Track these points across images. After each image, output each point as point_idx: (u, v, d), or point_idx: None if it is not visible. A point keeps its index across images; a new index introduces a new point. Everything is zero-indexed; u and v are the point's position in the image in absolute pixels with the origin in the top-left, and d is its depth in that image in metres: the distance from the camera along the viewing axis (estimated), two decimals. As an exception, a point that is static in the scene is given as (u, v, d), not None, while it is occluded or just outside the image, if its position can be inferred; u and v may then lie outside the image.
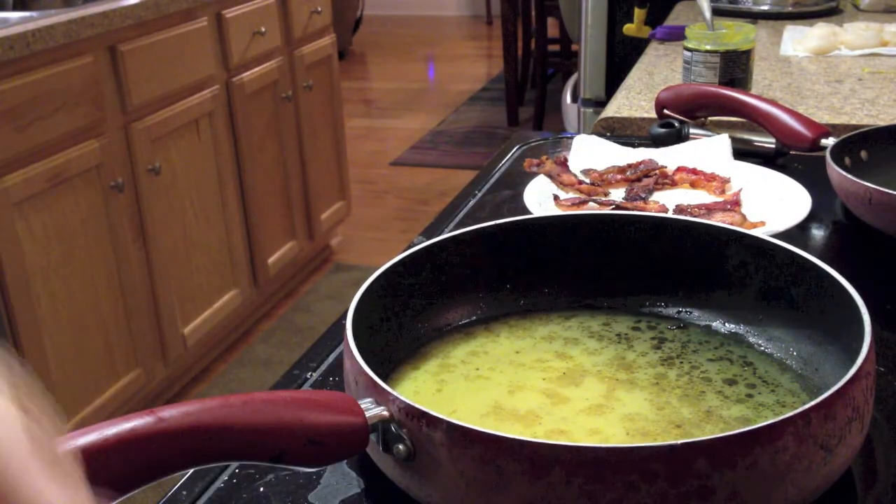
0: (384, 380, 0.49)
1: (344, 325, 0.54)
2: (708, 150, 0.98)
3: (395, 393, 0.47)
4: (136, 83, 2.03)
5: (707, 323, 0.65)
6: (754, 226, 0.81)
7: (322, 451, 0.45)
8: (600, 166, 0.98)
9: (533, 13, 4.30)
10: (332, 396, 0.47)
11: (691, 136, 1.06)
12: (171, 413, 0.42)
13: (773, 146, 1.02)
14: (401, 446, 0.47)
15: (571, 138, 1.08)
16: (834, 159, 0.88)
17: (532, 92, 4.53)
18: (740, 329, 0.64)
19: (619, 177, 0.95)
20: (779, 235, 0.71)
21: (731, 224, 0.76)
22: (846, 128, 1.15)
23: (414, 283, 0.63)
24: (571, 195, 0.91)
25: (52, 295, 1.85)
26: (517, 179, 0.98)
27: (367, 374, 0.49)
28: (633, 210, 0.84)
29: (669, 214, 0.83)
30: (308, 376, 0.67)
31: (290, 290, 2.89)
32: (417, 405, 0.46)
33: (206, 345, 2.45)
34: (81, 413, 1.96)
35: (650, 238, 0.67)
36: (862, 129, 0.96)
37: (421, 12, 7.21)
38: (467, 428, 0.44)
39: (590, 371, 0.60)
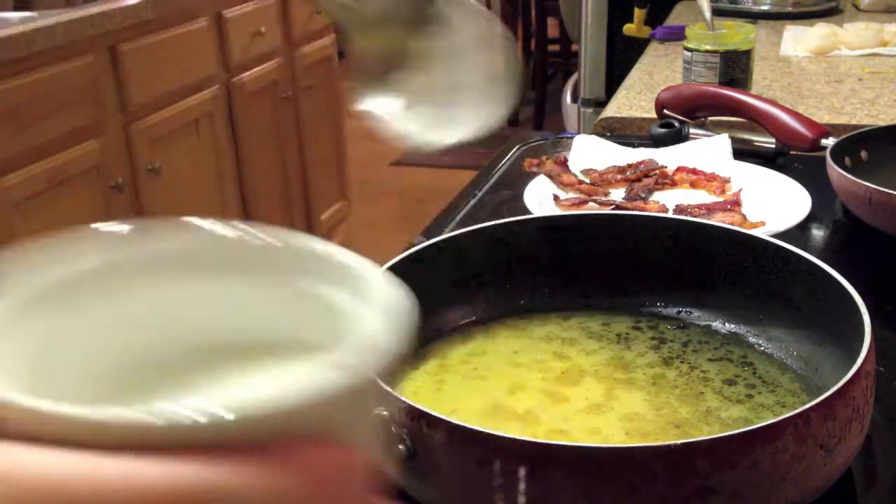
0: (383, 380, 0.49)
1: (343, 325, 0.54)
2: (708, 150, 0.98)
3: (394, 393, 0.47)
4: (136, 83, 2.02)
5: (707, 323, 0.65)
6: (754, 226, 0.81)
7: (322, 451, 0.45)
8: (600, 166, 0.98)
9: (533, 13, 4.30)
10: (331, 396, 0.47)
11: (691, 136, 1.06)
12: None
13: (773, 146, 1.01)
14: (401, 446, 0.47)
15: (571, 138, 1.08)
16: (834, 159, 0.88)
17: (532, 92, 4.53)
18: (740, 329, 0.64)
19: (619, 177, 0.95)
20: (779, 235, 0.71)
21: (731, 224, 0.76)
22: (846, 128, 1.15)
23: (413, 284, 0.63)
24: (571, 195, 0.91)
25: (51, 295, 1.85)
26: (517, 179, 0.98)
27: (366, 374, 0.49)
28: (633, 210, 0.84)
29: (669, 214, 0.83)
30: (308, 376, 0.66)
31: (290, 290, 2.89)
32: (417, 405, 0.46)
33: (206, 345, 2.45)
34: (81, 413, 1.96)
35: (650, 238, 0.67)
36: (862, 129, 0.96)
37: (421, 12, 7.21)
38: (467, 428, 0.44)
39: (588, 371, 0.59)
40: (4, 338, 0.25)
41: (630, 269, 0.67)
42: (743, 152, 1.00)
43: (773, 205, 0.87)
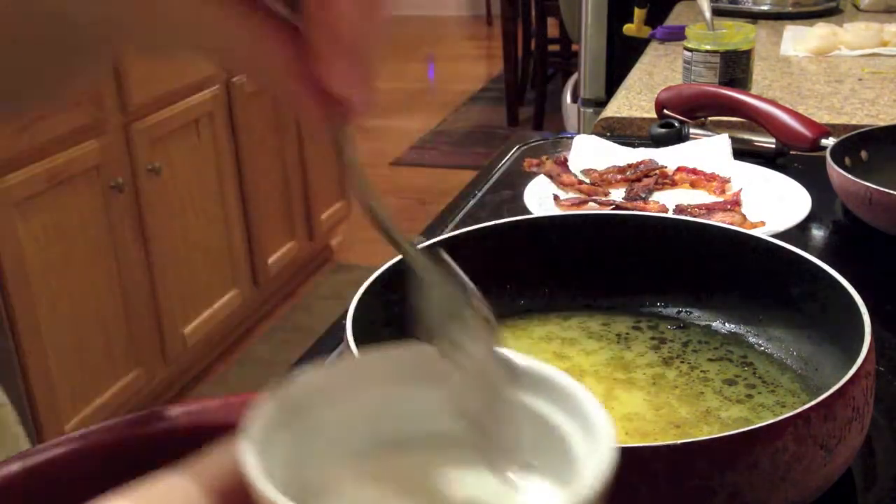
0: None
1: (344, 325, 0.54)
2: (708, 150, 0.98)
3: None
4: (136, 83, 2.03)
5: (707, 323, 0.65)
6: (754, 226, 0.81)
7: (322, 451, 0.45)
8: (600, 166, 0.98)
9: (533, 13, 4.30)
10: (331, 396, 0.47)
11: (691, 136, 1.06)
12: (171, 413, 0.42)
13: (773, 146, 1.01)
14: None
15: (571, 138, 1.08)
16: (834, 159, 0.88)
17: (532, 92, 4.52)
18: (740, 329, 0.64)
19: (619, 177, 0.95)
20: (779, 235, 0.71)
21: (731, 224, 0.76)
22: (846, 128, 1.15)
23: (414, 284, 0.63)
24: (571, 195, 0.91)
25: (52, 295, 1.85)
26: (517, 179, 0.98)
27: (366, 374, 0.49)
28: (633, 210, 0.84)
29: (669, 214, 0.83)
30: (308, 376, 0.66)
31: (290, 290, 2.89)
32: (417, 405, 0.46)
33: (207, 345, 2.45)
34: (81, 413, 1.96)
35: (650, 238, 0.67)
36: (862, 129, 0.96)
37: (421, 12, 7.20)
38: (467, 428, 0.44)
39: (588, 371, 0.59)
40: (266, 445, 0.28)
41: (630, 269, 0.67)
42: (743, 152, 1.01)
43: (773, 205, 0.87)
